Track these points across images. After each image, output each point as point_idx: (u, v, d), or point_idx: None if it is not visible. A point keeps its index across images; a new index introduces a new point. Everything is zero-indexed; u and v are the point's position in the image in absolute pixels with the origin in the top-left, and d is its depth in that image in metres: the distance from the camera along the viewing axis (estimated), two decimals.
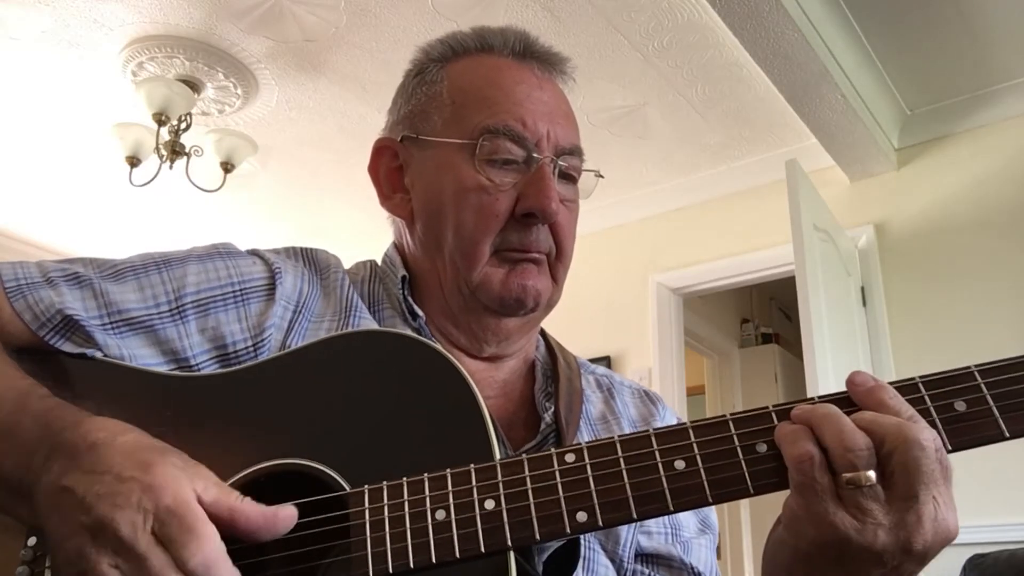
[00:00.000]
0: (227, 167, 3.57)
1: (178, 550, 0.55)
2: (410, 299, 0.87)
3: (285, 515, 0.61)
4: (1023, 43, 3.10)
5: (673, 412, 0.99)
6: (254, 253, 0.85)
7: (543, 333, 0.99)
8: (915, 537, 0.57)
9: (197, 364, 0.76)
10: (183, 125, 3.47)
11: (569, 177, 0.89)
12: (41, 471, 0.60)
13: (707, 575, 0.89)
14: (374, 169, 0.94)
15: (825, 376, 2.78)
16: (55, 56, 3.22)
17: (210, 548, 0.56)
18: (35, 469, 0.61)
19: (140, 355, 0.75)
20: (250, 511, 0.60)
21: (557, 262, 0.88)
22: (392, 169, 0.92)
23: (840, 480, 0.58)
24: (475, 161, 0.83)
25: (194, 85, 3.37)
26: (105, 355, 0.74)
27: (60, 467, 0.59)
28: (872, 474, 0.57)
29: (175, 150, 3.46)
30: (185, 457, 0.61)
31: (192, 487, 0.58)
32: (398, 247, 0.94)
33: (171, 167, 3.51)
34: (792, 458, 0.59)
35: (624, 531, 0.84)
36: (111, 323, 0.75)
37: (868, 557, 0.58)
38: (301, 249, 0.89)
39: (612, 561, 0.83)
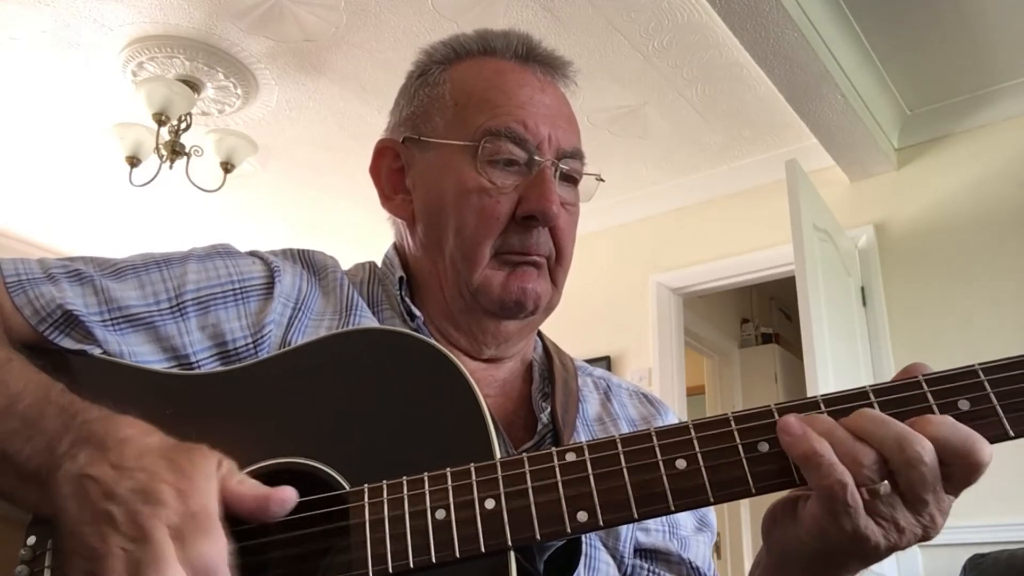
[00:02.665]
0: (227, 167, 3.57)
1: (187, 547, 0.56)
2: (407, 300, 0.87)
3: (278, 499, 0.61)
4: (1023, 43, 3.10)
5: (675, 415, 0.99)
6: (253, 254, 0.86)
7: (540, 335, 0.99)
8: (931, 530, 0.62)
9: (197, 361, 0.76)
10: (183, 125, 3.47)
11: (570, 180, 0.89)
12: (64, 458, 0.60)
13: (705, 571, 0.89)
14: (375, 170, 0.94)
15: (825, 376, 2.78)
16: (55, 56, 3.22)
17: (216, 550, 0.57)
18: (57, 456, 0.61)
19: (140, 352, 0.75)
20: (245, 493, 0.60)
21: (557, 265, 0.88)
22: (393, 170, 0.92)
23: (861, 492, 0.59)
24: (477, 163, 0.83)
25: (194, 85, 3.37)
26: (105, 351, 0.74)
27: (87, 457, 0.59)
28: (887, 483, 0.59)
29: (175, 150, 3.46)
30: (206, 449, 0.62)
31: (217, 485, 0.59)
32: (398, 248, 0.94)
33: (171, 167, 3.51)
34: (827, 485, 0.60)
35: (624, 527, 0.84)
36: (111, 319, 0.75)
37: (888, 549, 0.62)
38: (298, 251, 0.90)
39: (613, 557, 0.83)
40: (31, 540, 0.64)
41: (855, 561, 0.64)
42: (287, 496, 0.62)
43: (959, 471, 0.60)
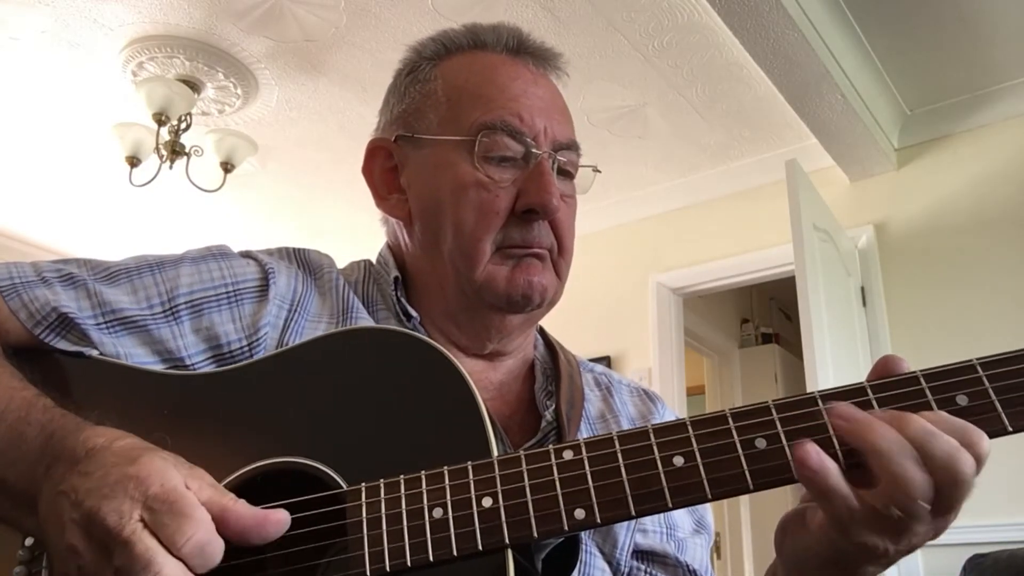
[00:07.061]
0: (227, 167, 3.57)
1: (170, 535, 0.54)
2: (403, 300, 0.86)
3: (276, 519, 0.60)
4: (1023, 43, 3.10)
5: (672, 411, 0.99)
6: (247, 255, 0.85)
7: (542, 332, 0.99)
8: (942, 531, 0.60)
9: (192, 364, 0.76)
10: (183, 125, 3.47)
11: (567, 173, 0.88)
12: (43, 480, 0.60)
13: (702, 573, 0.89)
14: (368, 171, 0.93)
15: (825, 376, 2.77)
16: (55, 56, 3.22)
17: (204, 531, 0.55)
18: (38, 479, 0.61)
19: (135, 354, 0.75)
20: (242, 511, 0.59)
21: (559, 258, 0.87)
22: (387, 169, 0.91)
23: (892, 512, 0.56)
24: (473, 158, 0.83)
25: (194, 85, 3.37)
26: (101, 353, 0.74)
27: (59, 474, 0.59)
28: (926, 505, 0.56)
29: (175, 150, 3.46)
30: (179, 458, 0.60)
31: (183, 478, 0.58)
32: (392, 248, 0.93)
33: (171, 167, 3.51)
34: (836, 509, 0.58)
35: (622, 535, 0.84)
36: (105, 322, 0.75)
37: (900, 553, 0.60)
38: (293, 250, 0.89)
39: (609, 564, 0.82)
40: (29, 541, 0.65)
41: (868, 566, 0.62)
42: (282, 517, 0.60)
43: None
